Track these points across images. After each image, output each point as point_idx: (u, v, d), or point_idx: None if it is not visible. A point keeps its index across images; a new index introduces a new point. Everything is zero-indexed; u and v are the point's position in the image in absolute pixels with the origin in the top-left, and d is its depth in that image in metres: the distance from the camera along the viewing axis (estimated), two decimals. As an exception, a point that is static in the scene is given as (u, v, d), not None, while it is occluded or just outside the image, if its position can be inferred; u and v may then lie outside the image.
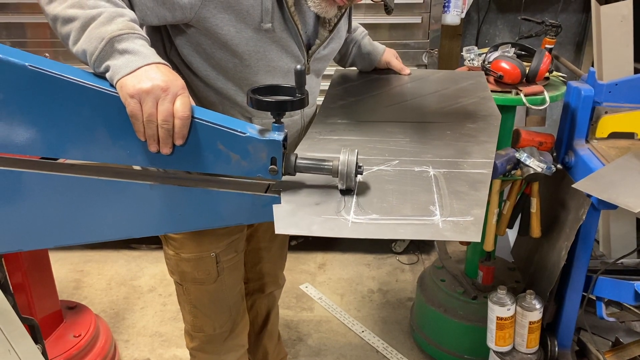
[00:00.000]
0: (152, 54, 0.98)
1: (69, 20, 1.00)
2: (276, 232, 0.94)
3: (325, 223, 0.95)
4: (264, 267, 1.87)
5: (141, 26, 1.14)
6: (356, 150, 1.01)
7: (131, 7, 1.13)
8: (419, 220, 0.96)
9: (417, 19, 2.67)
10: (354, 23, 1.78)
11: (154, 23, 1.20)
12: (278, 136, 0.99)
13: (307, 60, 1.38)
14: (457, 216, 0.96)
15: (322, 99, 1.59)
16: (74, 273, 3.10)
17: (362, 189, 1.04)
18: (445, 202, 1.00)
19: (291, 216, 0.97)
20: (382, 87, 1.67)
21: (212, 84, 1.32)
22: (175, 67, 1.33)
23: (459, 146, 1.24)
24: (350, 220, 0.96)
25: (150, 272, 3.12)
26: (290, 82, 1.36)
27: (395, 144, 1.25)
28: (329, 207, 0.99)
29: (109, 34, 0.97)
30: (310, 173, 1.04)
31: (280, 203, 1.01)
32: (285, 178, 1.04)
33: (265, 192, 1.04)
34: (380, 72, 1.76)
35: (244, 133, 0.98)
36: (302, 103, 1.00)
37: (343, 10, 1.38)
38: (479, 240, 0.91)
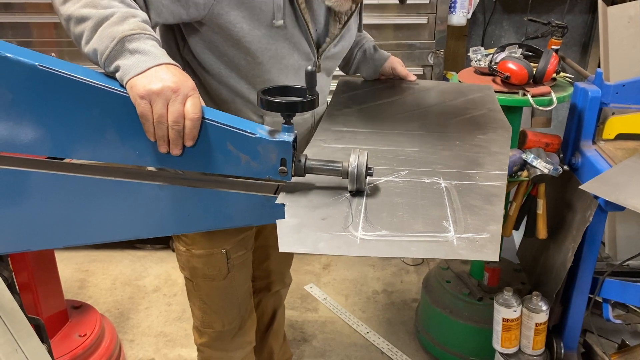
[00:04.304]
0: (162, 55, 0.98)
1: (82, 19, 1.00)
2: (280, 250, 0.90)
3: (332, 240, 0.91)
4: (271, 264, 1.88)
5: (154, 28, 1.15)
6: (366, 152, 1.00)
7: (146, 6, 1.14)
8: (431, 237, 0.91)
9: (423, 20, 2.67)
10: (362, 31, 1.78)
11: (169, 21, 1.21)
12: (288, 137, 0.99)
13: (318, 57, 1.38)
14: (472, 233, 0.92)
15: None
16: (79, 273, 3.11)
17: (371, 202, 1.01)
18: (458, 217, 0.96)
19: (296, 232, 0.93)
20: (387, 96, 1.64)
21: (225, 81, 1.33)
22: (188, 66, 1.34)
23: (470, 157, 1.20)
24: (358, 236, 0.91)
25: (155, 272, 3.12)
26: (302, 80, 1.37)
27: (404, 154, 1.21)
28: (335, 223, 0.95)
29: (120, 33, 0.97)
30: (320, 174, 1.04)
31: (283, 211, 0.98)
32: (294, 179, 1.04)
33: (275, 193, 1.04)
34: (385, 82, 1.74)
35: (254, 134, 0.98)
36: (312, 104, 1.00)
37: (356, 5, 1.38)
38: (497, 259, 0.86)
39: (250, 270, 1.68)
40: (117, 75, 0.97)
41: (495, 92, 1.90)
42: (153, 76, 0.93)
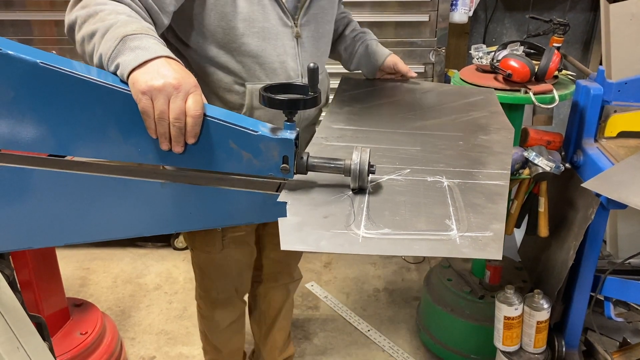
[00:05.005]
0: (162, 50, 0.98)
1: (92, 34, 1.03)
2: (282, 248, 0.89)
3: (334, 238, 0.90)
4: (276, 254, 1.90)
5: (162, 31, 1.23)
6: (368, 149, 1.00)
7: (156, 4, 1.19)
8: (434, 235, 0.91)
9: (424, 17, 2.67)
10: (365, 28, 1.78)
11: (176, 7, 1.27)
12: (290, 135, 0.98)
13: (294, 21, 1.42)
14: (475, 231, 0.91)
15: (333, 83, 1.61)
16: (80, 271, 3.11)
17: (373, 200, 1.00)
18: (461, 215, 0.96)
19: (298, 231, 0.92)
20: (389, 96, 1.65)
21: (205, 54, 1.39)
22: (172, 46, 1.42)
23: (473, 156, 1.20)
24: (360, 235, 0.90)
25: (156, 270, 3.12)
26: (281, 46, 1.40)
27: (406, 153, 1.21)
28: (337, 221, 0.94)
29: (123, 33, 0.98)
30: (322, 172, 1.03)
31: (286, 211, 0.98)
32: (296, 177, 1.04)
33: (277, 191, 1.03)
34: (386, 82, 1.75)
35: (256, 131, 0.98)
36: (314, 101, 0.99)
37: None
38: (500, 258, 0.86)
39: (251, 250, 1.78)
40: (118, 73, 0.97)
41: (497, 89, 1.90)
42: (154, 72, 0.93)
